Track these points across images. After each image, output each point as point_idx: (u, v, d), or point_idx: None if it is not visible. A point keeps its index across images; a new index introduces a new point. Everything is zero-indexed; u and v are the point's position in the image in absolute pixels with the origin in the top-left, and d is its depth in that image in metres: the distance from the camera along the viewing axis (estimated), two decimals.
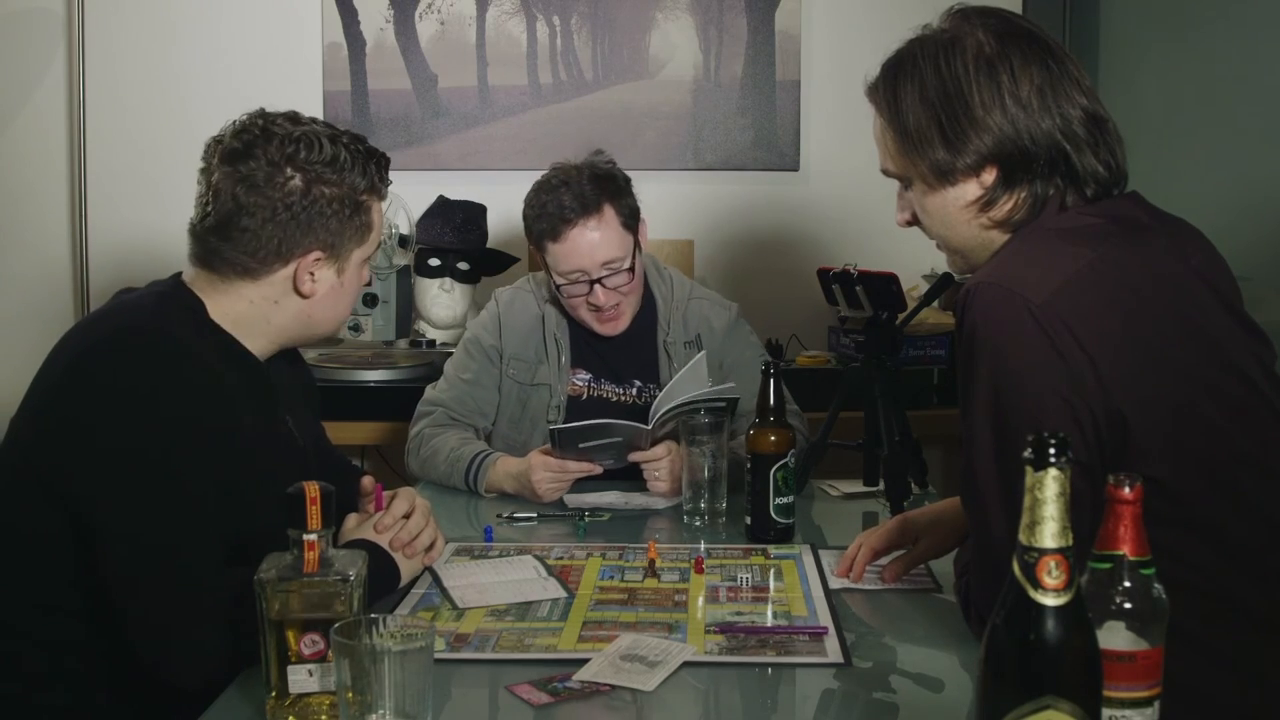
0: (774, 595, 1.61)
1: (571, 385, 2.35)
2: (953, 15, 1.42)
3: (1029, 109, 1.36)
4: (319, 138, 1.55)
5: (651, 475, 2.11)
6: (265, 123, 1.55)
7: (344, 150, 1.57)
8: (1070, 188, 1.38)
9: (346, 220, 1.58)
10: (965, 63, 1.37)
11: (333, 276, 1.60)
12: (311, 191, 1.54)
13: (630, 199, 2.30)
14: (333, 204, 1.56)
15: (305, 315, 1.61)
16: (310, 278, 1.58)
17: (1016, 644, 0.87)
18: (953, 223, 1.43)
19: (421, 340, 3.20)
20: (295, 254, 1.56)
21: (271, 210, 1.53)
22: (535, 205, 2.29)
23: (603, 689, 1.29)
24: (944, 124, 1.37)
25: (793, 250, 3.44)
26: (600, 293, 2.26)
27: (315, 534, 1.19)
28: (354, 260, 1.62)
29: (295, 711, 1.20)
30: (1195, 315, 1.33)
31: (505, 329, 2.37)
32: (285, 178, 1.53)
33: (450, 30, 3.44)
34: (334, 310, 1.65)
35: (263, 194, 1.52)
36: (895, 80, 1.42)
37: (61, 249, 3.44)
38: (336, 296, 1.63)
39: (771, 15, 3.44)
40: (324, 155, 1.54)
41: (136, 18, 3.40)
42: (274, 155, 1.53)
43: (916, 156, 1.41)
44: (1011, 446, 1.24)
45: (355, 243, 1.61)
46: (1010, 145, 1.36)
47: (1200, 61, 2.98)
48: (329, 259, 1.58)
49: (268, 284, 1.57)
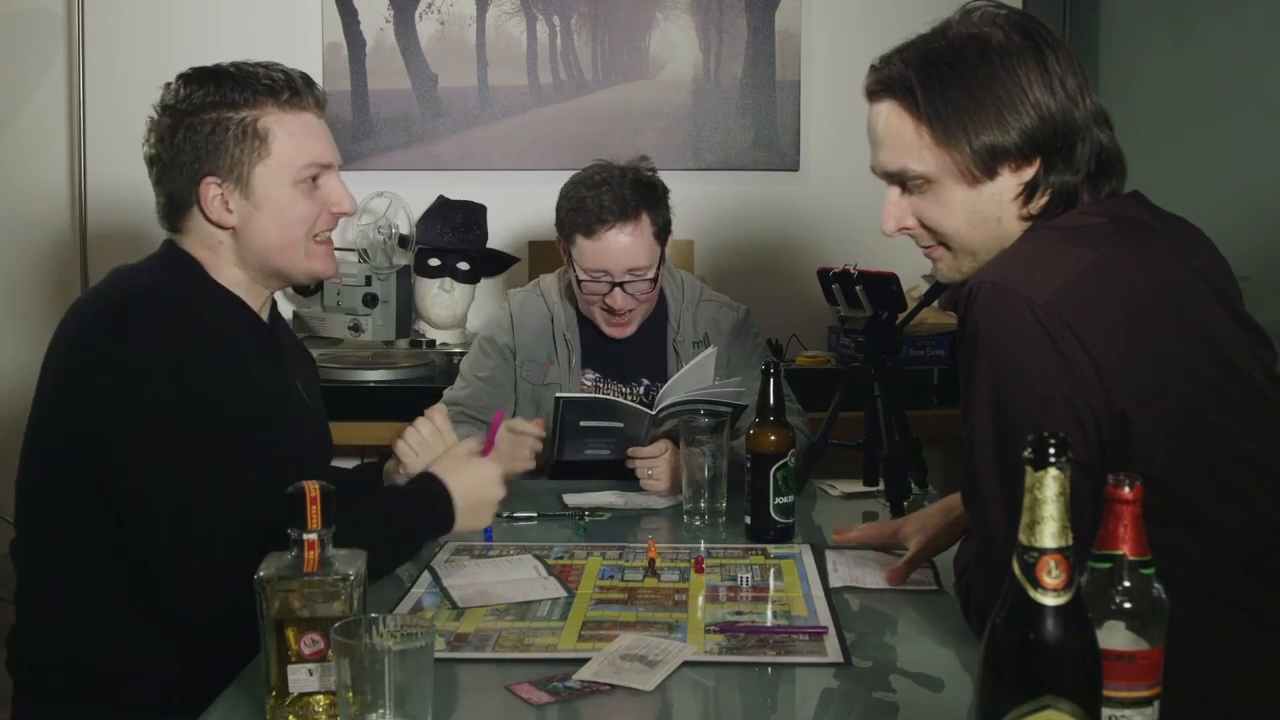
0: (774, 595, 1.61)
1: (580, 385, 2.36)
2: (966, 14, 1.39)
3: (1073, 98, 1.35)
4: (201, 75, 1.60)
5: (645, 474, 2.11)
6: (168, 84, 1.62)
7: (213, 77, 1.59)
8: (1088, 183, 1.37)
9: (223, 138, 1.58)
10: (1008, 51, 1.35)
11: (240, 200, 1.60)
12: (178, 129, 1.58)
13: (666, 211, 2.32)
14: (204, 128, 1.58)
15: (244, 249, 1.62)
16: (224, 208, 1.60)
17: (1016, 644, 0.87)
18: (979, 221, 1.39)
19: (421, 340, 3.20)
20: (191, 188, 1.59)
21: (162, 161, 1.60)
22: (573, 198, 2.28)
23: (603, 689, 1.29)
24: (997, 105, 1.34)
25: (793, 250, 3.45)
26: (618, 296, 2.27)
27: (315, 533, 1.19)
28: (261, 179, 1.60)
29: (295, 711, 1.20)
30: (1196, 315, 1.33)
31: (518, 329, 2.38)
32: (161, 127, 1.59)
33: (450, 30, 3.44)
34: (266, 238, 1.62)
35: (156, 147, 1.61)
36: (934, 67, 1.36)
37: (62, 249, 3.44)
38: (260, 221, 1.61)
39: (771, 15, 3.44)
40: (195, 87, 1.58)
41: (136, 18, 3.41)
42: (163, 110, 1.60)
43: (961, 143, 1.35)
44: (1012, 446, 1.24)
45: (254, 159, 1.60)
46: (1060, 128, 1.34)
47: (1200, 61, 2.98)
48: (228, 182, 1.60)
49: (196, 227, 1.62)
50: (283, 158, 1.61)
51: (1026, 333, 1.25)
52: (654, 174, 2.33)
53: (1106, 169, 1.38)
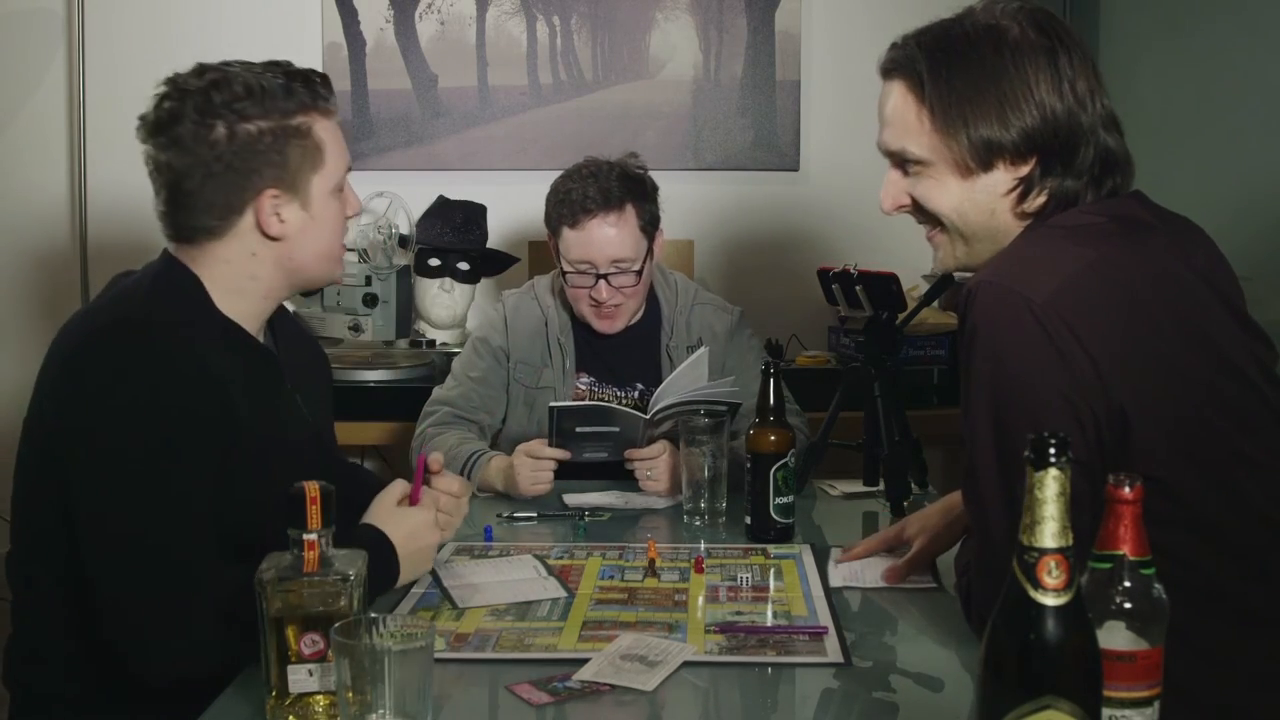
0: (774, 595, 1.61)
1: (574, 389, 2.36)
2: (989, 3, 1.39)
3: (1082, 102, 1.34)
4: (230, 78, 1.51)
5: (644, 475, 2.11)
6: (176, 85, 1.53)
7: (261, 80, 1.52)
8: (1092, 186, 1.37)
9: (286, 148, 1.53)
10: (1022, 47, 1.34)
11: (297, 210, 1.56)
12: (236, 134, 1.50)
13: (653, 205, 2.33)
14: (264, 138, 1.51)
15: (286, 259, 1.57)
16: (277, 219, 1.54)
17: (1016, 644, 0.87)
18: (972, 209, 1.40)
19: (421, 340, 3.20)
20: (248, 200, 1.53)
21: (206, 167, 1.50)
22: (560, 191, 2.30)
23: (603, 689, 1.29)
24: (999, 103, 1.34)
25: (793, 250, 3.45)
26: (603, 289, 2.28)
27: (315, 534, 1.19)
28: (316, 189, 1.56)
29: (295, 711, 1.20)
30: (1196, 315, 1.33)
31: (512, 332, 2.38)
32: (208, 129, 1.50)
33: (450, 30, 3.44)
34: (315, 247, 1.59)
35: (193, 153, 1.50)
36: (944, 54, 1.37)
37: (62, 249, 3.44)
38: (313, 231, 1.57)
39: (771, 15, 3.44)
40: (238, 91, 1.50)
41: (136, 18, 3.41)
42: (192, 112, 1.50)
43: (959, 133, 1.36)
44: (1012, 446, 1.24)
45: (310, 168, 1.55)
46: (1062, 131, 1.34)
47: (1200, 61, 2.98)
48: (287, 193, 1.54)
49: (235, 238, 1.54)
50: (331, 166, 1.58)
51: (1025, 332, 1.25)
52: (643, 170, 2.33)
53: (1111, 173, 1.38)
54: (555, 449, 2.10)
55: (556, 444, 2.10)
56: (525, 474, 2.09)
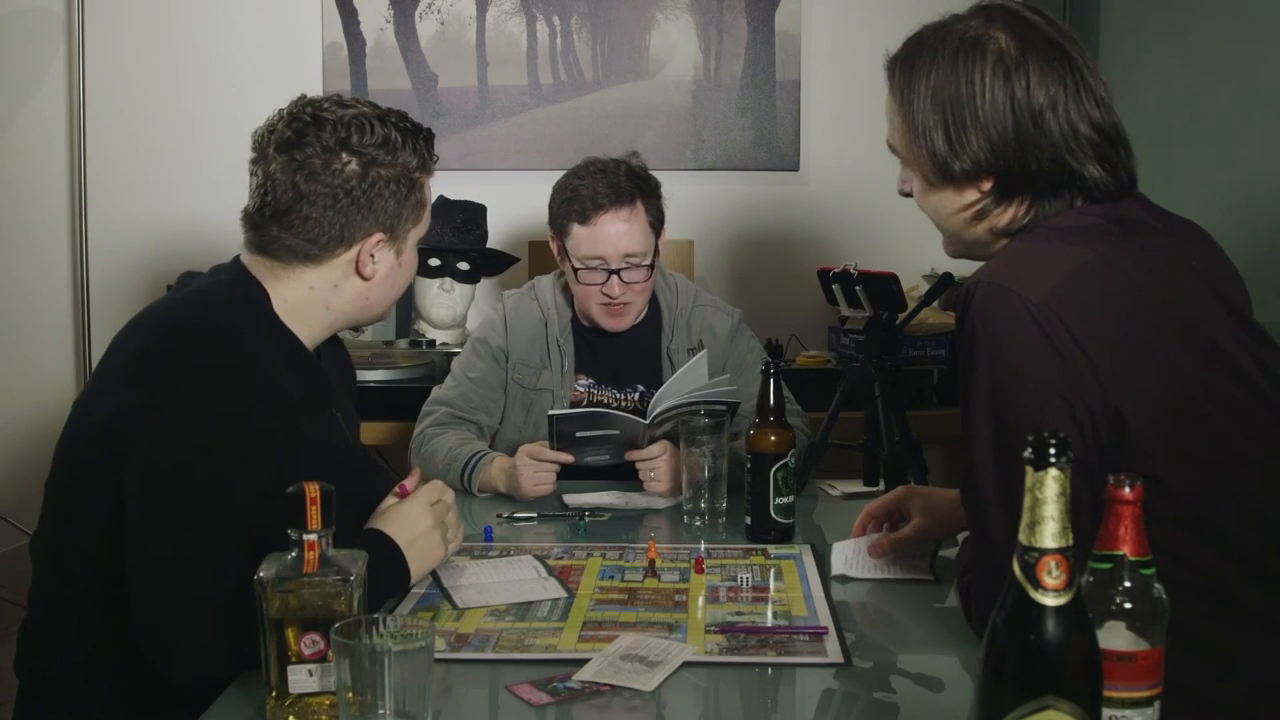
0: (774, 595, 1.61)
1: (573, 391, 2.36)
2: (979, 11, 1.40)
3: (1039, 123, 1.34)
4: (369, 120, 1.56)
5: (647, 475, 2.11)
6: (314, 109, 1.56)
7: (393, 130, 1.58)
8: (1077, 195, 1.37)
9: (403, 200, 1.59)
10: (983, 68, 1.35)
11: (392, 258, 1.62)
12: (369, 174, 1.55)
13: (659, 202, 2.34)
14: (389, 185, 1.57)
15: (364, 298, 1.62)
16: (372, 260, 1.59)
17: (1017, 644, 0.87)
18: (946, 214, 1.44)
19: (421, 340, 3.20)
20: (357, 237, 1.57)
21: (332, 197, 1.54)
22: (567, 188, 2.30)
23: (603, 689, 1.29)
24: (949, 124, 1.37)
25: (793, 250, 3.45)
26: (616, 284, 2.28)
27: (315, 534, 1.19)
28: (410, 240, 1.64)
29: (295, 711, 1.20)
30: (1194, 315, 1.33)
31: (511, 333, 2.38)
32: (341, 163, 1.54)
33: (450, 30, 3.44)
34: (390, 291, 1.66)
35: (321, 181, 1.53)
36: (912, 68, 1.40)
37: (61, 248, 3.44)
38: (394, 277, 1.64)
39: (771, 15, 3.44)
40: (376, 137, 1.56)
41: (136, 18, 3.41)
42: (328, 141, 1.54)
43: (919, 149, 1.40)
44: (1011, 446, 1.24)
45: (412, 222, 1.62)
46: (1012, 160, 1.35)
47: (1200, 61, 2.98)
48: (389, 240, 1.60)
49: (330, 268, 1.58)
50: (425, 223, 1.65)
51: (1022, 331, 1.25)
52: (645, 168, 2.34)
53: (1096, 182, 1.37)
54: (557, 452, 2.10)
55: (558, 448, 2.10)
56: (527, 476, 2.10)
